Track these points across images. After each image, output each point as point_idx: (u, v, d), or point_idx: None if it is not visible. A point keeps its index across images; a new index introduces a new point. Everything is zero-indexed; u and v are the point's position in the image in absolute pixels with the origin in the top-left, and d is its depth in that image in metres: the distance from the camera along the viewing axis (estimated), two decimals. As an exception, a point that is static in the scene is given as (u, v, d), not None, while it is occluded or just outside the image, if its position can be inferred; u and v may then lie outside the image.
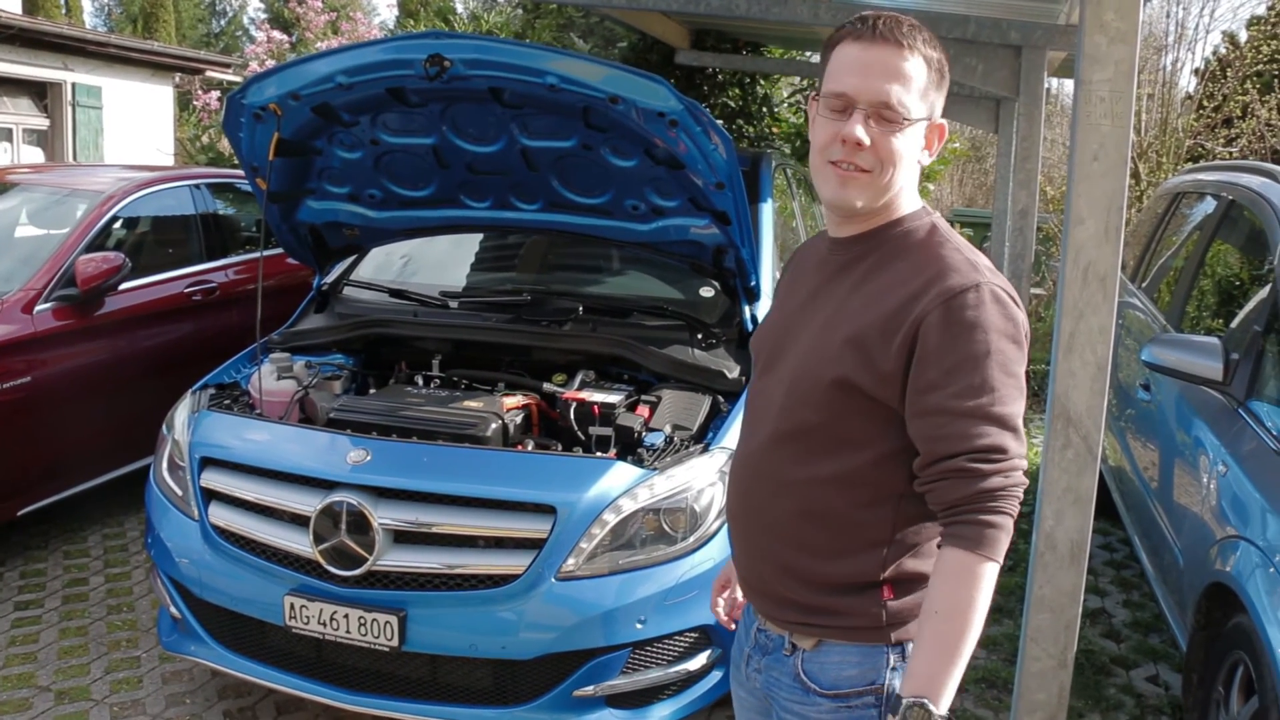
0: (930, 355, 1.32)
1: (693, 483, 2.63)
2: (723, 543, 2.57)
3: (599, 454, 2.74)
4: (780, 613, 1.49)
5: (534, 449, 2.85)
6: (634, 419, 2.86)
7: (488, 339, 3.29)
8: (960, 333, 1.31)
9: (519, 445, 2.86)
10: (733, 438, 2.65)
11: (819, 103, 1.42)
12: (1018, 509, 1.33)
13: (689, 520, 2.61)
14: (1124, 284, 4.62)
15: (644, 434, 2.82)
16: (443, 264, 4.03)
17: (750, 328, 3.22)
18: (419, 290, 3.56)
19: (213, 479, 2.83)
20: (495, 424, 2.80)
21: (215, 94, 11.14)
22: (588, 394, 2.97)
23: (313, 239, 3.64)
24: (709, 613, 1.81)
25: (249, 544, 2.71)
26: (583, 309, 3.33)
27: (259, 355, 3.29)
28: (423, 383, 3.20)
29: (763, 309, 3.28)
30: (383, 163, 3.30)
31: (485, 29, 10.54)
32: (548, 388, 3.11)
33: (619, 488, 2.58)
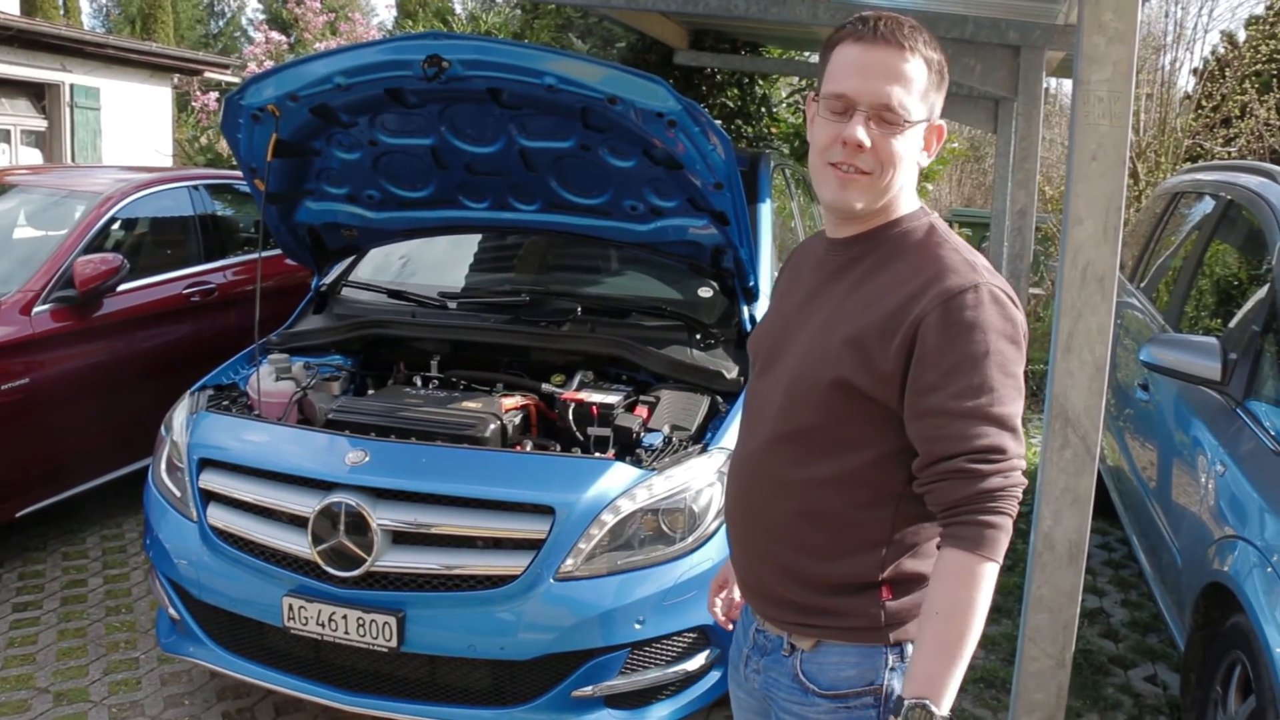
0: (929, 356, 1.32)
1: (691, 483, 2.63)
2: (721, 543, 2.57)
3: (597, 454, 2.74)
4: (779, 613, 1.49)
5: (532, 450, 2.85)
6: (632, 419, 2.86)
7: (486, 340, 3.29)
8: (959, 333, 1.31)
9: (517, 446, 2.86)
10: (731, 438, 2.64)
11: (818, 103, 1.42)
12: (1017, 509, 1.33)
13: (687, 521, 2.61)
14: (1122, 284, 4.63)
15: (642, 434, 2.82)
16: (441, 265, 4.03)
17: (749, 328, 3.21)
18: (417, 291, 3.56)
19: (211, 480, 2.82)
20: (494, 425, 2.80)
21: (213, 95, 11.14)
22: (586, 394, 2.97)
23: (311, 240, 3.64)
24: (707, 613, 1.81)
25: (247, 545, 2.71)
26: (581, 309, 3.33)
27: (257, 356, 3.29)
28: (421, 383, 3.20)
29: (761, 309, 3.28)
30: (381, 163, 3.30)
31: (483, 29, 10.54)
32: (546, 388, 3.11)
33: (617, 488, 2.58)
